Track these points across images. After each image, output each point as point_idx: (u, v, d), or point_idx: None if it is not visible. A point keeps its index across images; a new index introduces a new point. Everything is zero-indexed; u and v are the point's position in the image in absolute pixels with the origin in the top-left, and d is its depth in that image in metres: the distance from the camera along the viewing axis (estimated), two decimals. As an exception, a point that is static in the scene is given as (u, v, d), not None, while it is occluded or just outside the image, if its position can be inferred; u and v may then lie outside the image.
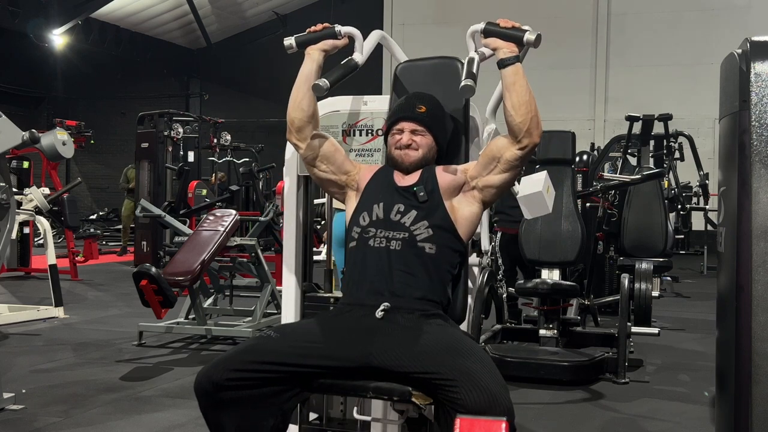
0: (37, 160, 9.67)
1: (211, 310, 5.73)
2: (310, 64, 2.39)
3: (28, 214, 6.95)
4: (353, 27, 2.48)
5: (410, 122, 2.30)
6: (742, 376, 2.26)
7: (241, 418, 2.01)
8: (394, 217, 2.22)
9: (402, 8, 17.17)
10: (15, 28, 15.55)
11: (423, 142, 2.30)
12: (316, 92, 2.30)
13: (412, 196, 2.23)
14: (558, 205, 4.78)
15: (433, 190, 2.24)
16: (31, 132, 3.69)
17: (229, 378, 1.98)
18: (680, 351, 5.34)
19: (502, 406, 1.83)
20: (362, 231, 2.24)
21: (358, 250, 2.23)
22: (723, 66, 2.43)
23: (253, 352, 2.04)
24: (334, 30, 2.40)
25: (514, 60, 2.18)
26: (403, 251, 2.17)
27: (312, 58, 2.39)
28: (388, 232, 2.20)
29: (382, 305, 2.11)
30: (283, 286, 2.74)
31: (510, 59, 2.18)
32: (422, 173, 2.29)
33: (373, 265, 2.18)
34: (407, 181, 2.29)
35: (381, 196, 2.27)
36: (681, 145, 8.81)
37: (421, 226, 2.19)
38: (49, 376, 4.35)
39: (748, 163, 2.25)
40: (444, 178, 2.26)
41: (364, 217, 2.26)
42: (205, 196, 10.43)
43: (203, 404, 2.02)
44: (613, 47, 15.88)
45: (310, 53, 2.40)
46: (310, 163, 2.40)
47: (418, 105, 2.31)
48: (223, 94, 19.97)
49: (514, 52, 2.19)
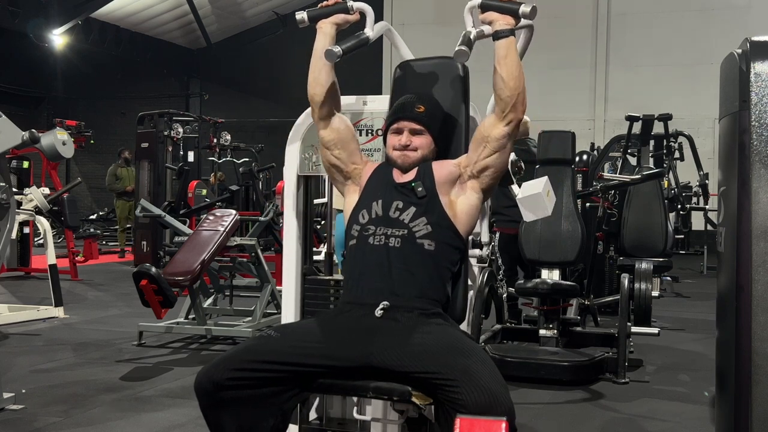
0: (37, 160, 9.67)
1: (211, 310, 5.73)
2: (323, 38, 2.41)
3: (28, 214, 6.96)
4: (364, 3, 2.48)
5: (409, 122, 2.31)
6: (742, 376, 2.26)
7: (242, 417, 2.01)
8: (393, 214, 2.22)
9: (402, 8, 17.18)
10: (15, 28, 15.55)
11: (421, 143, 2.31)
12: (328, 59, 2.32)
13: (410, 192, 2.24)
14: (558, 205, 4.77)
15: (431, 185, 2.25)
16: (31, 132, 3.69)
17: (229, 378, 1.98)
18: (680, 351, 5.34)
19: (503, 406, 1.83)
20: (362, 229, 2.24)
21: (357, 249, 2.24)
22: (723, 66, 2.43)
23: (253, 351, 2.04)
24: (346, 5, 2.41)
25: (509, 33, 2.22)
26: (403, 248, 2.17)
27: (324, 32, 2.42)
28: (387, 229, 2.20)
29: (381, 304, 2.11)
30: (283, 286, 2.74)
31: (504, 32, 2.21)
32: (419, 169, 2.30)
33: (372, 263, 2.19)
34: (405, 177, 2.30)
35: (380, 193, 2.28)
36: (681, 145, 8.81)
37: (420, 223, 2.20)
38: (49, 376, 4.35)
39: (748, 163, 2.25)
40: (440, 173, 2.28)
41: (363, 214, 2.26)
42: (205, 196, 10.43)
43: (203, 404, 2.03)
44: (613, 47, 15.88)
45: (321, 27, 2.43)
46: (326, 146, 2.42)
47: (417, 105, 2.32)
48: (223, 94, 19.98)
49: (510, 24, 2.22)
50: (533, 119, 5.68)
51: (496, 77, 2.22)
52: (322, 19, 2.42)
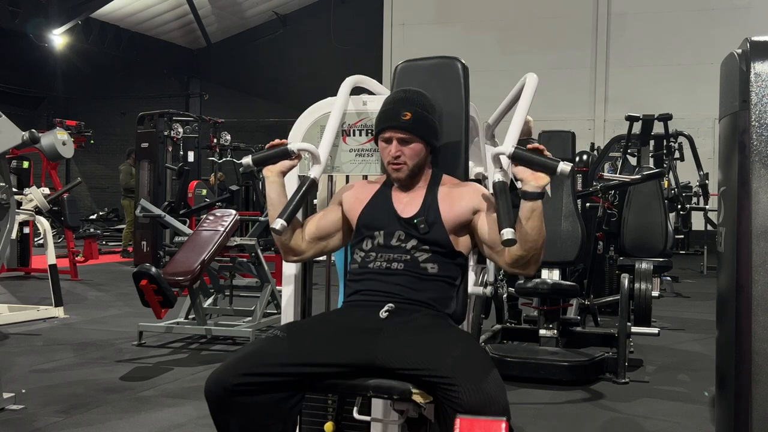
0: (37, 160, 9.67)
1: (211, 310, 5.73)
2: (273, 188, 2.35)
3: (28, 214, 6.96)
4: (308, 144, 2.44)
5: (395, 131, 2.25)
6: (742, 376, 2.26)
7: (251, 424, 2.00)
8: (395, 242, 2.22)
9: (402, 8, 17.17)
10: (15, 28, 15.55)
11: (411, 153, 2.25)
12: (276, 234, 2.27)
13: (413, 228, 2.22)
14: (558, 205, 4.78)
15: (435, 221, 2.21)
16: (31, 132, 3.69)
17: (239, 383, 1.96)
18: (680, 351, 5.34)
19: (498, 405, 1.83)
20: (365, 255, 2.25)
21: (360, 270, 2.25)
22: (723, 66, 2.43)
23: (262, 354, 2.03)
24: (287, 149, 2.35)
25: (537, 197, 2.05)
26: (406, 270, 2.19)
27: (270, 181, 2.36)
28: (389, 254, 2.21)
29: (386, 306, 2.12)
30: (283, 286, 2.74)
31: (533, 195, 2.04)
32: (425, 198, 2.25)
33: (375, 279, 2.21)
34: (407, 210, 2.25)
35: (383, 224, 2.25)
36: (681, 145, 8.80)
37: (423, 251, 2.20)
38: (49, 376, 4.35)
39: (748, 163, 2.25)
40: (448, 213, 2.22)
41: (366, 242, 2.26)
42: (205, 196, 10.44)
43: (214, 408, 2.00)
44: (613, 47, 15.89)
45: (267, 176, 2.36)
46: (322, 250, 2.40)
47: (403, 112, 2.25)
48: (223, 94, 19.98)
49: (540, 187, 2.04)
50: (533, 119, 5.70)
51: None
52: (266, 164, 2.37)
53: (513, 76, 2.89)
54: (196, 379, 4.31)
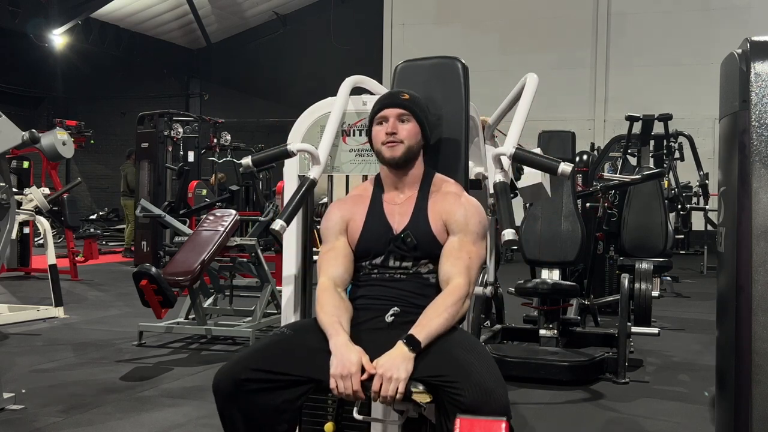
0: (37, 160, 9.67)
1: (211, 310, 5.73)
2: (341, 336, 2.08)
3: (28, 214, 6.96)
4: (307, 144, 2.44)
5: (395, 108, 2.25)
6: (742, 376, 2.26)
7: (257, 423, 2.00)
8: (393, 264, 2.23)
9: (402, 8, 17.18)
10: (15, 28, 15.56)
11: (408, 132, 2.24)
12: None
13: (403, 244, 2.20)
14: (558, 205, 4.78)
15: (426, 232, 2.20)
16: (31, 132, 3.69)
17: (248, 378, 1.97)
18: (680, 351, 5.34)
19: (498, 403, 1.83)
20: (364, 273, 2.26)
21: (365, 277, 2.26)
22: (723, 66, 2.43)
23: (271, 349, 2.04)
24: (287, 149, 2.35)
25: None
26: (408, 280, 2.20)
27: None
28: (390, 273, 2.22)
29: (391, 310, 2.13)
30: (283, 286, 2.74)
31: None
32: (415, 206, 2.23)
33: (380, 285, 2.21)
34: (401, 221, 2.22)
35: (379, 249, 2.23)
36: (681, 145, 8.81)
37: (422, 264, 2.21)
38: (49, 376, 4.35)
39: (748, 163, 2.25)
40: (437, 221, 2.21)
41: (366, 262, 2.26)
42: (205, 196, 10.43)
43: (221, 402, 2.00)
44: (613, 47, 15.89)
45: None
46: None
47: (402, 93, 2.29)
48: (223, 94, 19.99)
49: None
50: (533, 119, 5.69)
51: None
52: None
53: (513, 76, 2.89)
54: (196, 379, 4.32)
